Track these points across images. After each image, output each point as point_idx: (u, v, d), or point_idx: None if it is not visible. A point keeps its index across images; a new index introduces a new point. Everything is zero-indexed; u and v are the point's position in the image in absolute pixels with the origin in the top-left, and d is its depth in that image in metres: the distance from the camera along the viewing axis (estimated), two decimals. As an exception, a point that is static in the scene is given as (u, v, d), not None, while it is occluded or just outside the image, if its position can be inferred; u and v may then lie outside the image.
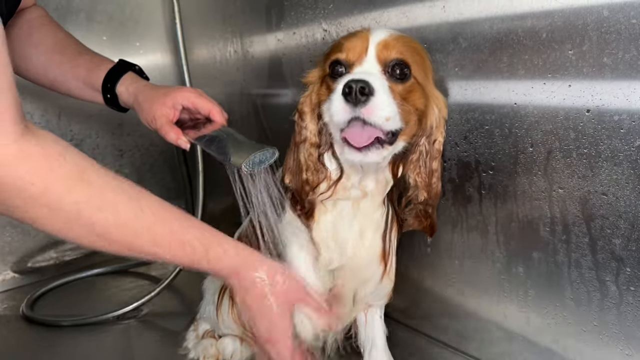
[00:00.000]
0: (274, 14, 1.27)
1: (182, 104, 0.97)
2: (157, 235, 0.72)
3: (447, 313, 1.06)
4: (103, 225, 0.68)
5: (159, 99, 0.97)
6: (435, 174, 0.86)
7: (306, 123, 0.86)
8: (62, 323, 1.27)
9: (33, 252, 1.52)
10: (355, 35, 0.81)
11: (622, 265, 0.76)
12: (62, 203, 0.65)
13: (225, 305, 1.02)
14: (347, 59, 0.79)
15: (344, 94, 0.71)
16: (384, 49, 0.78)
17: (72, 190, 0.66)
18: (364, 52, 0.78)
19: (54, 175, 0.64)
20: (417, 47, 0.83)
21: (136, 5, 1.61)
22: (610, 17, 0.70)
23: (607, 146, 0.74)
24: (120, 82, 1.02)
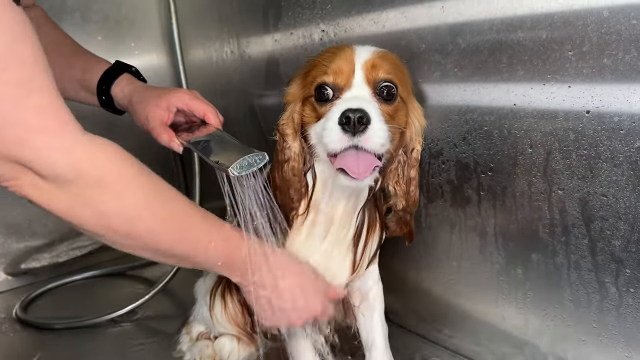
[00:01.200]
0: (271, 14, 1.26)
1: (176, 106, 0.95)
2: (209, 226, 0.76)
3: (445, 315, 1.05)
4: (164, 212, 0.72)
5: (152, 100, 0.95)
6: (413, 182, 0.88)
7: (289, 144, 0.85)
8: (55, 326, 1.25)
9: (27, 254, 1.50)
10: (339, 56, 0.79)
11: (622, 267, 0.76)
12: (132, 189, 0.68)
13: (218, 305, 1.03)
14: (335, 82, 0.78)
15: (341, 124, 0.71)
16: (371, 69, 0.78)
17: (138, 176, 0.69)
18: (352, 75, 0.77)
19: (124, 163, 0.67)
20: (399, 63, 0.84)
21: (132, 5, 1.60)
22: (610, 18, 0.70)
23: (607, 147, 0.74)
24: (115, 84, 1.00)
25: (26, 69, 0.59)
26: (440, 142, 0.96)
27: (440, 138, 0.96)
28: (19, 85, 0.58)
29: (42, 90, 0.60)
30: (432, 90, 0.95)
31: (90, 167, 0.63)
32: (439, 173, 0.98)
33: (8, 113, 0.58)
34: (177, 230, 0.74)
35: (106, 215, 0.66)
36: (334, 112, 0.74)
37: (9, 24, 0.58)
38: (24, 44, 0.59)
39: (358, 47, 0.81)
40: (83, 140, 0.63)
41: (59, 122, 0.61)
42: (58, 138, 0.61)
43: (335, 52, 0.81)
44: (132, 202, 0.68)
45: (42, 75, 0.60)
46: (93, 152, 0.64)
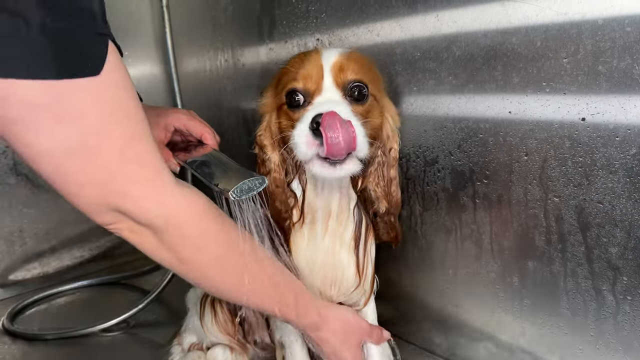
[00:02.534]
0: (266, 23, 1.26)
1: (174, 126, 0.96)
2: (270, 284, 0.78)
3: (440, 323, 1.05)
4: (235, 268, 0.74)
5: (150, 120, 0.92)
6: (394, 181, 0.89)
7: (268, 155, 0.86)
8: (46, 336, 1.23)
9: (16, 264, 1.48)
10: (307, 61, 0.80)
11: (619, 274, 0.76)
12: (210, 244, 0.72)
13: (208, 314, 1.02)
14: (304, 88, 0.78)
15: (312, 129, 0.72)
16: (339, 72, 0.78)
17: (218, 233, 0.72)
18: (321, 79, 0.78)
19: (207, 218, 0.71)
20: (368, 62, 0.84)
21: (125, 13, 1.60)
22: (605, 25, 0.70)
23: (603, 154, 0.74)
24: None
25: (131, 122, 0.63)
26: (435, 150, 0.96)
27: (435, 146, 0.95)
28: (124, 136, 0.62)
29: (140, 139, 0.64)
30: (427, 99, 0.95)
31: (178, 220, 0.67)
32: (434, 181, 0.97)
33: (115, 166, 0.61)
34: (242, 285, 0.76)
35: (184, 262, 0.71)
36: (306, 117, 0.74)
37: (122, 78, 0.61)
38: (131, 98, 0.63)
39: (325, 51, 0.82)
40: (175, 192, 0.67)
41: (156, 172, 0.65)
42: (155, 188, 0.65)
43: (302, 58, 0.81)
44: (208, 256, 0.72)
45: (141, 123, 0.64)
46: (183, 206, 0.68)
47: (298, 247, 0.89)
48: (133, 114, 0.63)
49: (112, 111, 0.60)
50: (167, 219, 0.66)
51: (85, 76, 0.57)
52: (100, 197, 0.62)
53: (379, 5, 0.99)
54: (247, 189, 0.77)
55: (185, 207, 0.68)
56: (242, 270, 0.74)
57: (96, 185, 0.61)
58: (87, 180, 0.61)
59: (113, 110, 0.61)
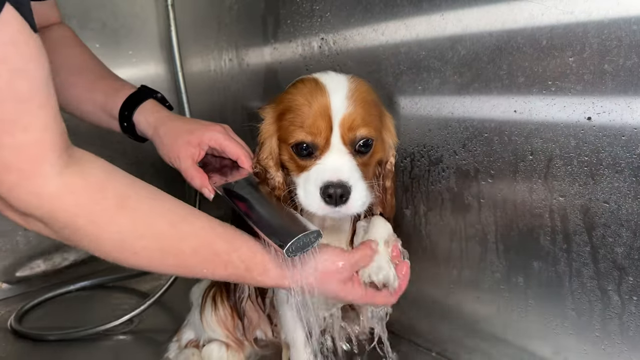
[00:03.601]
0: (270, 23, 1.26)
1: (209, 145, 0.92)
2: (202, 258, 0.74)
3: (445, 324, 1.04)
4: (146, 251, 0.70)
5: (183, 136, 0.91)
6: (389, 191, 0.90)
7: (272, 174, 0.87)
8: (49, 337, 1.23)
9: (21, 262, 1.48)
10: (316, 111, 0.78)
11: (625, 275, 0.75)
12: (105, 233, 0.67)
13: (209, 307, 1.03)
14: (313, 142, 0.78)
15: (323, 197, 0.75)
16: (349, 130, 0.78)
17: (114, 220, 0.67)
18: (330, 134, 0.78)
19: (97, 208, 0.66)
20: (372, 99, 0.83)
21: (130, 13, 1.60)
22: (611, 24, 0.70)
23: (609, 154, 0.74)
24: (138, 111, 0.96)
25: (17, 107, 0.58)
26: (440, 149, 0.95)
27: (440, 145, 0.95)
28: (5, 122, 0.58)
29: (26, 129, 0.59)
30: (432, 98, 0.94)
31: (58, 210, 0.63)
32: (439, 180, 0.97)
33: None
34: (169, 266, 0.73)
35: (90, 249, 0.68)
36: (314, 178, 0.77)
37: (14, 57, 0.57)
38: (26, 80, 0.58)
39: (332, 92, 0.79)
40: (55, 183, 0.62)
41: (33, 162, 0.60)
42: (28, 180, 0.61)
43: (310, 100, 0.79)
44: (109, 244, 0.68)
45: (33, 112, 0.59)
46: (61, 195, 0.63)
47: None
48: (23, 98, 0.58)
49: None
50: (47, 211, 0.62)
51: None
52: None
53: (384, 5, 0.99)
54: (302, 245, 0.74)
55: (65, 198, 0.63)
56: (159, 252, 0.71)
57: None
58: None
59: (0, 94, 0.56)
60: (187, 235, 0.73)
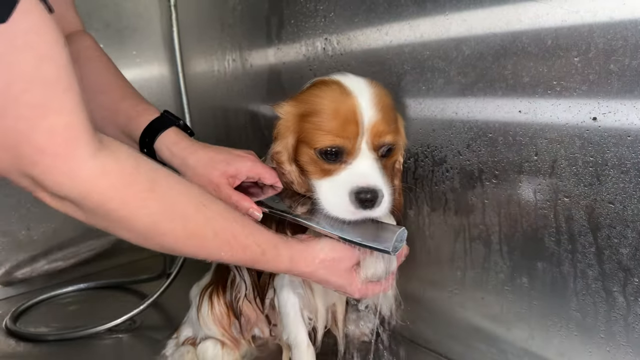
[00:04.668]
0: (274, 23, 1.26)
1: (247, 175, 0.93)
2: (222, 241, 0.77)
3: (448, 325, 1.04)
4: (175, 234, 0.73)
5: (218, 167, 0.92)
6: (397, 190, 0.92)
7: (288, 169, 0.88)
8: (47, 337, 1.23)
9: (23, 262, 1.49)
10: (344, 116, 0.79)
11: (630, 276, 0.75)
12: (137, 215, 0.69)
13: (205, 305, 1.03)
14: (343, 146, 0.79)
15: (354, 202, 0.77)
16: (377, 137, 0.80)
17: (146, 203, 0.69)
18: (357, 138, 0.79)
19: (130, 191, 0.67)
20: (390, 103, 0.84)
21: (133, 13, 1.60)
22: (617, 24, 0.70)
23: (614, 154, 0.73)
24: (160, 139, 0.95)
25: (47, 91, 0.59)
26: (444, 149, 0.95)
27: (443, 145, 0.95)
28: (37, 106, 0.59)
29: (59, 112, 0.61)
30: (436, 98, 0.94)
31: (92, 192, 0.64)
32: (443, 181, 0.97)
33: (23, 133, 0.59)
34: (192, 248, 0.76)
35: (119, 231, 0.70)
36: (343, 182, 0.78)
37: (39, 42, 0.58)
38: (51, 64, 0.59)
39: (359, 96, 0.80)
40: (89, 165, 0.63)
41: (67, 145, 0.62)
42: (63, 162, 0.62)
43: (338, 104, 0.80)
44: (138, 227, 0.70)
45: (61, 96, 0.61)
46: (96, 177, 0.64)
47: None
48: (51, 82, 0.59)
49: (18, 75, 0.57)
50: (81, 193, 0.64)
51: None
52: (10, 161, 0.60)
53: (388, 5, 0.98)
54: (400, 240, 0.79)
55: (99, 180, 0.64)
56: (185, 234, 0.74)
57: (4, 149, 0.59)
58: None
59: (20, 74, 0.57)
60: (209, 219, 0.76)
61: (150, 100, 1.02)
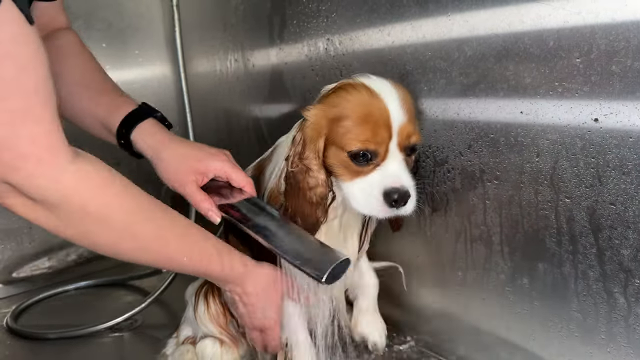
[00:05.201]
0: (276, 23, 1.27)
1: (215, 174, 0.94)
2: (186, 244, 0.81)
3: (449, 325, 1.04)
4: (146, 234, 0.76)
5: (187, 162, 0.93)
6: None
7: (316, 174, 0.88)
8: (49, 336, 1.22)
9: (25, 261, 1.49)
10: (378, 121, 0.81)
11: (631, 277, 0.75)
12: (114, 216, 0.72)
13: (201, 305, 1.04)
14: (375, 150, 0.82)
15: (386, 201, 0.81)
16: (406, 139, 0.83)
17: (123, 205, 0.73)
18: (389, 142, 0.83)
19: (108, 192, 0.71)
20: (413, 104, 0.87)
21: (136, 13, 1.61)
22: (619, 25, 0.70)
23: (615, 155, 0.73)
24: (136, 130, 0.96)
25: (26, 99, 0.61)
26: (445, 150, 0.95)
27: (445, 146, 0.95)
28: (16, 114, 0.61)
29: (39, 121, 0.63)
30: (438, 98, 0.94)
31: (75, 196, 0.67)
32: (444, 181, 0.97)
33: (3, 139, 0.61)
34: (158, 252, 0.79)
35: (91, 236, 0.72)
36: (377, 183, 0.82)
37: (18, 53, 0.60)
38: (29, 74, 0.61)
39: (389, 101, 0.82)
40: (71, 169, 0.66)
41: (50, 151, 0.64)
42: (47, 167, 0.64)
43: (369, 108, 0.81)
44: (115, 228, 0.73)
45: (40, 105, 0.63)
46: (79, 181, 0.67)
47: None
48: (30, 92, 0.61)
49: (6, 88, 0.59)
50: (62, 196, 0.66)
51: None
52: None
53: (390, 5, 0.99)
54: (336, 274, 0.80)
55: (81, 183, 0.68)
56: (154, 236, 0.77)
57: None
58: None
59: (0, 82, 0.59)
60: (174, 222, 0.80)
61: (151, 100, 1.02)
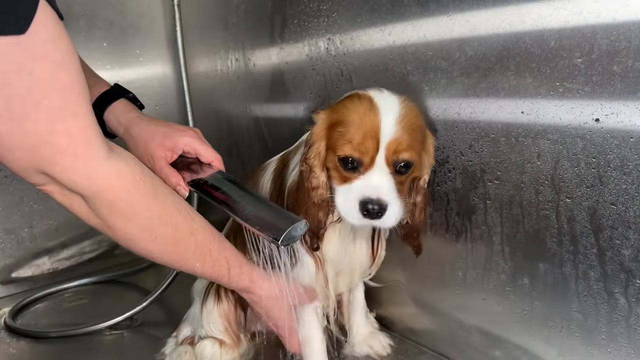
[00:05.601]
0: (277, 22, 1.26)
1: (183, 149, 0.96)
2: (200, 252, 0.84)
3: (449, 325, 1.04)
4: (165, 239, 0.79)
5: (156, 139, 0.95)
6: (419, 205, 0.92)
7: (317, 174, 0.89)
8: (49, 334, 1.22)
9: (25, 259, 1.49)
10: (366, 130, 0.82)
11: (632, 277, 0.75)
12: (139, 217, 0.75)
13: (211, 300, 1.05)
14: (360, 158, 0.83)
15: (361, 210, 0.81)
16: (393, 153, 0.82)
17: (149, 206, 0.76)
18: (376, 153, 0.82)
19: (138, 192, 0.74)
20: (419, 124, 0.86)
21: (137, 12, 1.61)
22: (620, 25, 0.70)
23: (617, 155, 0.73)
24: (109, 110, 0.99)
25: (63, 95, 0.63)
26: (446, 149, 0.95)
27: (446, 146, 0.95)
28: (55, 110, 0.63)
29: (75, 115, 0.65)
30: (438, 98, 0.94)
31: (106, 192, 0.70)
32: (445, 181, 0.97)
33: (43, 135, 0.63)
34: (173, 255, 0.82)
35: (113, 229, 0.75)
36: (356, 192, 0.82)
37: (55, 52, 0.62)
38: (67, 71, 0.63)
39: (384, 114, 0.82)
40: (105, 166, 0.69)
41: (85, 147, 0.67)
42: (83, 162, 0.67)
43: (362, 119, 0.83)
44: (138, 227, 0.76)
45: (77, 100, 0.65)
46: (111, 179, 0.70)
47: (329, 242, 0.95)
48: (67, 87, 0.63)
49: (38, 82, 0.60)
50: (95, 192, 0.69)
51: (6, 34, 0.56)
52: (28, 161, 0.64)
53: (391, 5, 0.99)
54: (292, 236, 0.83)
55: (114, 182, 0.70)
56: (173, 241, 0.80)
57: (24, 150, 0.63)
58: (14, 144, 0.63)
59: (38, 80, 0.60)
60: (194, 230, 0.83)
61: (152, 99, 1.03)
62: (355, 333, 1.09)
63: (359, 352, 1.08)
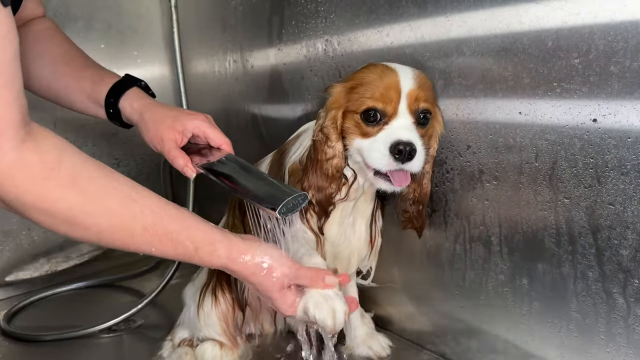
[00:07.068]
0: (275, 24, 1.26)
1: (192, 132, 0.96)
2: (152, 235, 0.76)
3: (448, 326, 1.04)
4: (97, 227, 0.73)
5: (167, 122, 0.95)
6: (427, 175, 0.95)
7: (333, 144, 0.92)
8: (44, 338, 1.21)
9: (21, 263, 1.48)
10: (387, 83, 0.86)
11: (630, 277, 0.75)
12: (56, 209, 0.69)
13: (208, 301, 1.04)
14: (383, 109, 0.86)
15: (392, 153, 0.84)
16: (414, 101, 0.87)
17: (65, 197, 0.69)
18: (398, 103, 0.87)
19: (48, 184, 0.68)
20: (430, 85, 0.92)
21: (135, 14, 1.61)
22: (618, 25, 0.70)
23: (614, 155, 0.73)
24: (123, 97, 1.00)
25: None
26: (444, 150, 0.95)
27: (444, 146, 0.95)
28: None
29: None
30: (436, 99, 0.94)
31: (10, 186, 0.66)
32: (443, 182, 0.97)
33: None
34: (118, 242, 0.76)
35: (43, 223, 0.70)
36: (384, 139, 0.85)
37: None
38: None
39: (401, 73, 0.87)
40: (8, 157, 0.64)
41: None
42: None
43: (381, 77, 0.87)
44: (59, 219, 0.70)
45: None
46: (14, 170, 0.65)
47: (331, 223, 0.97)
48: None
49: None
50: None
51: None
52: None
53: (389, 6, 0.99)
54: (291, 207, 0.82)
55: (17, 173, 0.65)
56: (109, 229, 0.73)
57: None
58: None
59: None
60: (137, 214, 0.75)
61: (152, 100, 1.03)
62: (353, 335, 1.10)
63: (359, 353, 1.08)
